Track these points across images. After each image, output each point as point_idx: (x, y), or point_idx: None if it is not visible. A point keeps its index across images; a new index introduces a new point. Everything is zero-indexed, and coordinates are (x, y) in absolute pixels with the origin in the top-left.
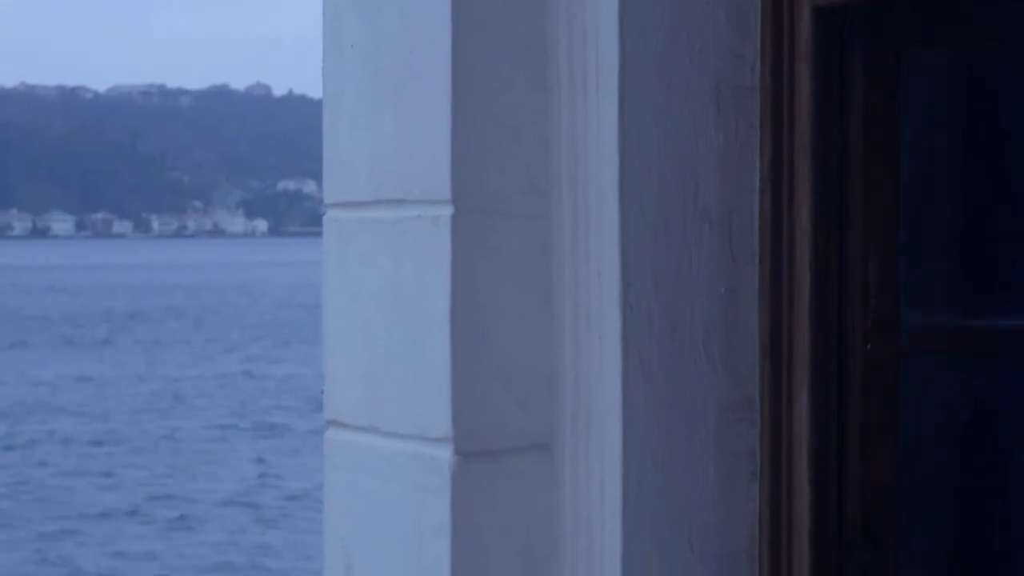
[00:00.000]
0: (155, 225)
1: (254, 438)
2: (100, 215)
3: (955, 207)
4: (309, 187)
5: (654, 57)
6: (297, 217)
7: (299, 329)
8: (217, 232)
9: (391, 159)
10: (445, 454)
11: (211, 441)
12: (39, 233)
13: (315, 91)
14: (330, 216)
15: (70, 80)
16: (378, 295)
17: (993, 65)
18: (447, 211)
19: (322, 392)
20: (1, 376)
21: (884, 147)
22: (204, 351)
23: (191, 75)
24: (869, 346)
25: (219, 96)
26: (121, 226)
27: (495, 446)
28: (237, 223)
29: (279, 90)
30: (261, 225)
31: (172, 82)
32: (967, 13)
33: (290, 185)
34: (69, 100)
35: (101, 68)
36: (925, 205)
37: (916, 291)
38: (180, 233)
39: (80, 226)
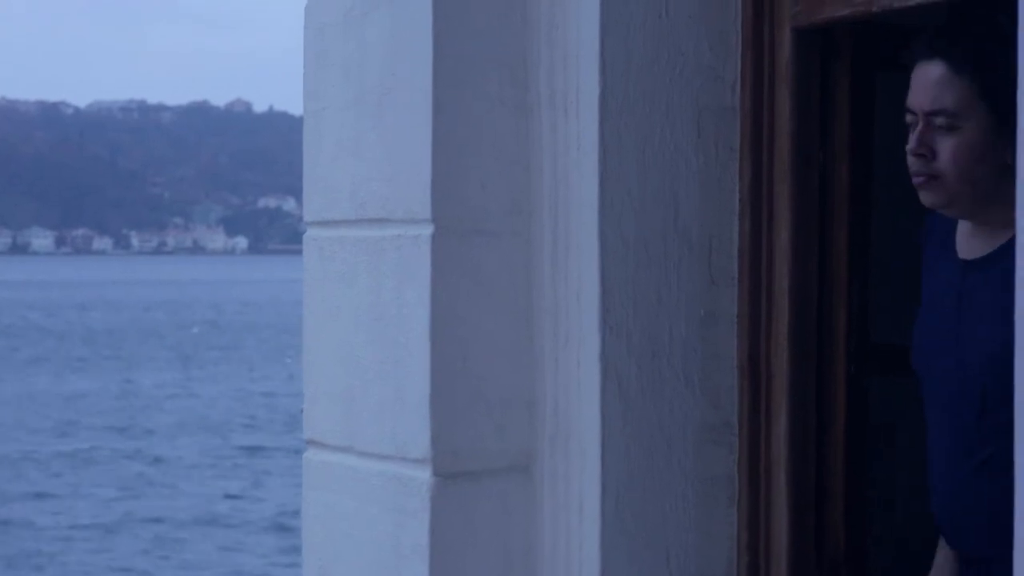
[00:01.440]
0: (135, 242)
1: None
2: (80, 231)
3: None
4: (289, 204)
5: (635, 79)
6: (277, 234)
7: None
8: (197, 249)
9: (372, 178)
10: (423, 475)
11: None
12: (19, 249)
13: (296, 108)
14: (310, 234)
15: (50, 95)
16: (358, 314)
17: None
18: (427, 230)
19: (301, 411)
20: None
21: (864, 169)
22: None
23: (171, 91)
24: (850, 369)
25: (199, 112)
26: (101, 242)
27: (474, 467)
28: (217, 240)
29: (260, 106)
30: (241, 242)
31: (152, 98)
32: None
33: (270, 202)
34: (49, 115)
35: (82, 83)
36: (906, 227)
37: (896, 313)
38: (160, 250)
39: (60, 242)
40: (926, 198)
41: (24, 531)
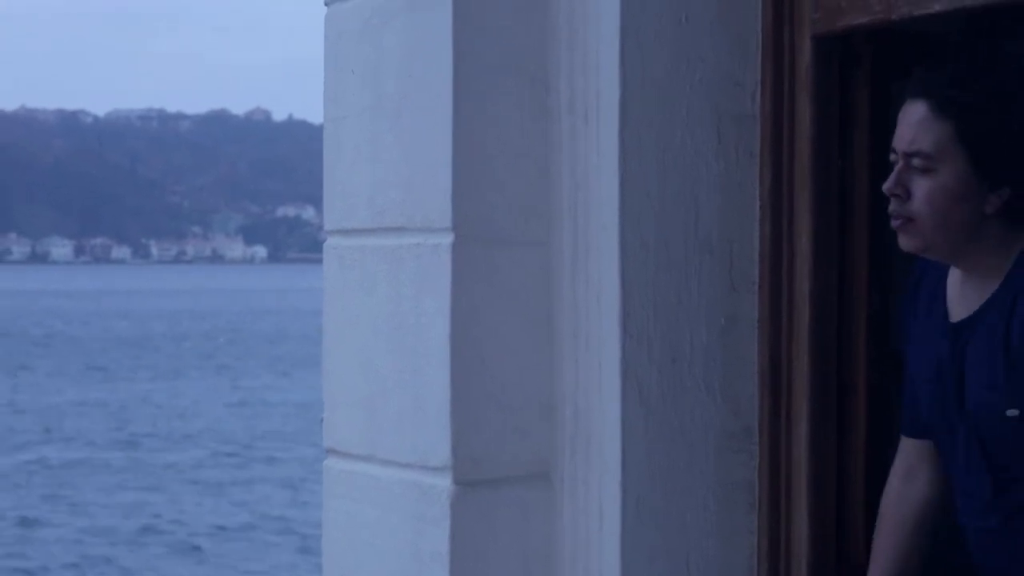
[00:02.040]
0: (154, 250)
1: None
2: (99, 240)
3: None
4: (308, 213)
5: (655, 85)
6: (296, 243)
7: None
8: (216, 258)
9: (392, 186)
10: (444, 483)
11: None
12: (38, 258)
13: (315, 116)
14: (330, 243)
15: (70, 104)
16: (378, 322)
17: None
18: (447, 239)
19: (321, 420)
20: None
21: (883, 175)
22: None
23: (191, 99)
24: (870, 375)
25: (218, 120)
26: (120, 251)
27: (494, 475)
28: (236, 249)
29: (279, 115)
30: (260, 251)
31: (172, 106)
32: (962, 47)
33: (289, 211)
34: (68, 124)
35: (101, 92)
36: None
37: None
38: (179, 259)
39: (79, 251)
40: (903, 241)
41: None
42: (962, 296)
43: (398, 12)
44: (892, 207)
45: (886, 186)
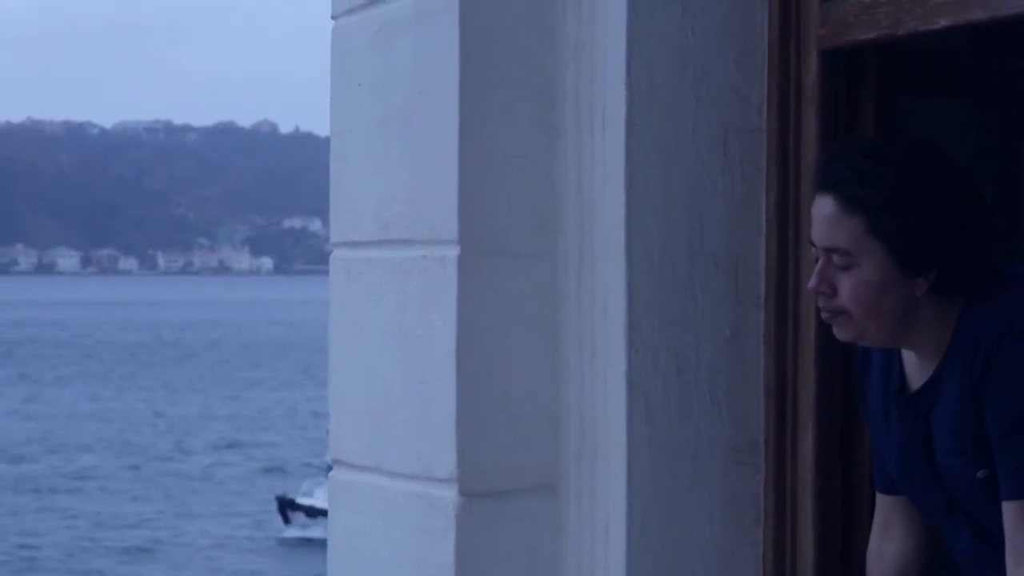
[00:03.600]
0: (161, 262)
1: None
2: (106, 251)
3: None
4: (315, 225)
5: (661, 99)
6: (302, 255)
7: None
8: (223, 269)
9: (398, 199)
10: (449, 494)
11: None
12: (44, 269)
13: (322, 128)
14: (337, 255)
15: (76, 115)
16: (384, 334)
17: (992, 113)
18: (453, 251)
19: (327, 432)
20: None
21: None
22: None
23: (197, 111)
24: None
25: (225, 132)
26: (127, 262)
27: (499, 487)
28: (242, 260)
29: (285, 127)
30: (267, 263)
31: (178, 118)
32: (968, 63)
33: (296, 223)
34: (75, 135)
35: (107, 103)
36: None
37: None
38: (186, 270)
39: (85, 262)
40: (837, 333)
41: None
42: (916, 365)
43: (405, 26)
44: (820, 303)
45: (811, 285)
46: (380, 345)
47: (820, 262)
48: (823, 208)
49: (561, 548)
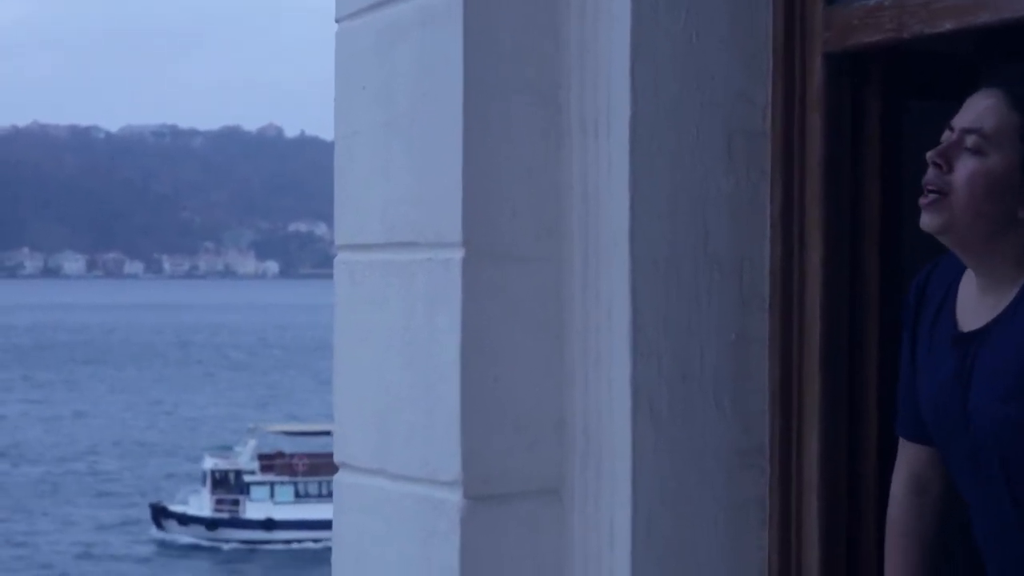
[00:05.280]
0: (166, 265)
1: None
2: (112, 255)
3: None
4: (320, 229)
5: (665, 102)
6: (308, 259)
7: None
8: (228, 273)
9: (403, 202)
10: (454, 498)
11: None
12: (50, 272)
13: (327, 132)
14: (341, 258)
15: (82, 120)
16: (389, 338)
17: None
18: (458, 254)
19: (329, 433)
20: None
21: (895, 193)
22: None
23: (203, 116)
24: (882, 393)
25: (231, 137)
26: (132, 266)
27: (504, 490)
28: (248, 264)
29: (291, 131)
30: (272, 267)
31: (184, 122)
32: (972, 66)
33: (301, 227)
34: (81, 139)
35: (113, 108)
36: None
37: None
38: (191, 274)
39: (91, 266)
40: (926, 219)
41: None
42: (973, 306)
43: (409, 29)
44: (929, 176)
45: (931, 153)
46: (385, 348)
47: (951, 139)
48: (985, 98)
49: (566, 552)
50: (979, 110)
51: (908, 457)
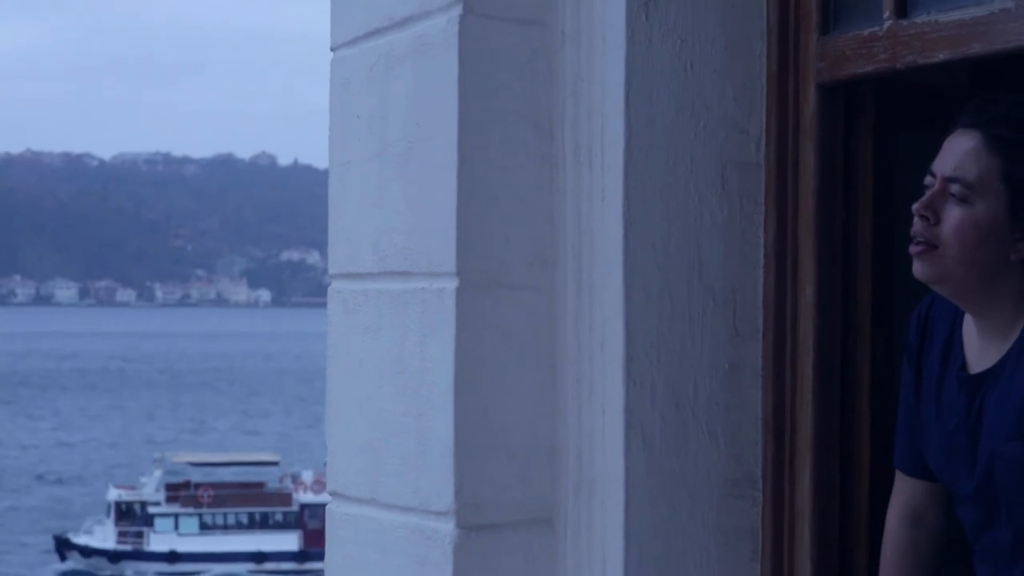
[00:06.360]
0: (159, 293)
1: None
2: (104, 283)
3: None
4: (313, 257)
5: (659, 132)
6: (300, 287)
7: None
8: (220, 301)
9: (396, 231)
10: (447, 527)
11: None
12: (42, 300)
13: (320, 161)
14: (335, 287)
15: (75, 147)
16: (381, 367)
17: None
18: (452, 284)
19: (324, 464)
20: None
21: (888, 224)
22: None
23: (196, 143)
24: (874, 423)
25: (224, 165)
26: (124, 294)
27: (497, 519)
28: (240, 292)
29: (284, 159)
30: (264, 295)
31: (177, 150)
32: (966, 97)
33: (294, 255)
34: (74, 167)
35: (106, 135)
36: None
37: None
38: (183, 302)
39: (83, 293)
40: (919, 269)
41: None
42: (978, 348)
43: (404, 58)
44: (917, 228)
45: (916, 205)
46: (378, 377)
47: (934, 188)
48: (965, 142)
49: None
50: (959, 155)
51: (905, 490)
